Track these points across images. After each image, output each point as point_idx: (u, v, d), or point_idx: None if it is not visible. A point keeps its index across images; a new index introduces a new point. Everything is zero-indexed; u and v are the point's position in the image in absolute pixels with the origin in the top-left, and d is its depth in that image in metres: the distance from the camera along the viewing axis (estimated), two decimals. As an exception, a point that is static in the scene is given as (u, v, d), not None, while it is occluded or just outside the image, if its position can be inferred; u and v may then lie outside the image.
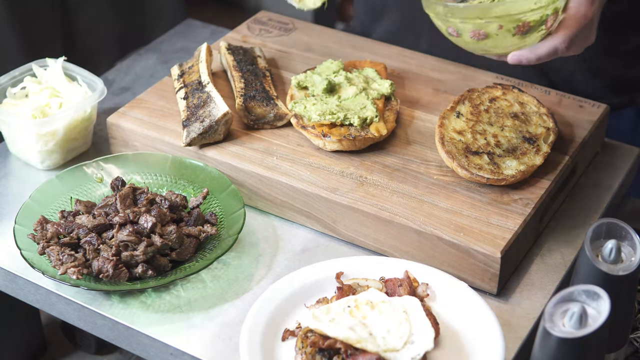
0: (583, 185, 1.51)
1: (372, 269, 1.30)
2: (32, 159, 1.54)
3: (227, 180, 1.42)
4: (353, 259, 1.31)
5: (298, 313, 1.25)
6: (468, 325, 1.23)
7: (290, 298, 1.26)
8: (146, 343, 1.28)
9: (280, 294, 1.26)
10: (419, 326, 1.18)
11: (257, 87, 1.53)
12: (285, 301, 1.25)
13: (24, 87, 1.58)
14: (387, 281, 1.27)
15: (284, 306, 1.25)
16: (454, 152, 1.38)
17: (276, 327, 1.23)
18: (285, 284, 1.27)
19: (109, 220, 1.35)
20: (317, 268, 1.30)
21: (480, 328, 1.21)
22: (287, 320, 1.24)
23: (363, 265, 1.30)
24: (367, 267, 1.30)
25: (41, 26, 2.18)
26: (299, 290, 1.27)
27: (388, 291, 1.26)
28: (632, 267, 1.17)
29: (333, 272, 1.29)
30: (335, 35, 1.74)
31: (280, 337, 1.22)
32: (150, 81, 1.76)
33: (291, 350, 1.20)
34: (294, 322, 1.24)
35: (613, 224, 1.22)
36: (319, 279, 1.29)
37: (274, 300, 1.25)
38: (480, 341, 1.20)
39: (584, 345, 1.07)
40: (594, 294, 1.09)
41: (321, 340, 1.17)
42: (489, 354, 1.18)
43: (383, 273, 1.29)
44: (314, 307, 1.25)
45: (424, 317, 1.19)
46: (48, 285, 1.34)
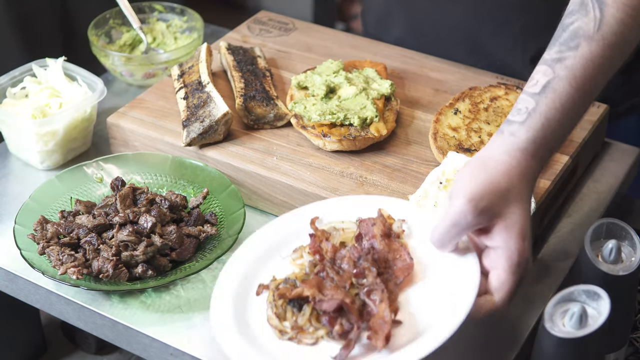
0: (583, 186, 1.51)
1: (348, 212, 1.26)
2: (32, 159, 1.54)
3: (227, 181, 1.42)
4: (325, 202, 1.28)
5: (273, 266, 1.23)
6: (445, 261, 1.17)
7: (265, 251, 1.23)
8: (146, 343, 1.28)
9: (254, 248, 1.24)
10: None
11: (257, 87, 1.53)
12: (259, 255, 1.23)
13: (23, 87, 1.58)
14: (362, 221, 1.22)
15: (258, 260, 1.23)
16: (445, 148, 1.38)
17: (251, 282, 1.21)
18: (258, 238, 1.24)
19: (109, 220, 1.35)
20: (288, 218, 1.27)
21: (457, 263, 1.16)
22: (263, 274, 1.22)
23: (338, 209, 1.26)
24: (343, 210, 1.26)
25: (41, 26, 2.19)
26: (274, 242, 1.25)
27: (362, 232, 1.22)
28: (632, 267, 1.17)
29: (307, 220, 1.26)
30: (335, 35, 1.74)
31: (255, 292, 1.20)
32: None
33: (262, 303, 1.19)
34: (269, 276, 1.21)
35: (613, 224, 1.22)
36: (292, 230, 1.26)
37: (247, 256, 1.23)
38: (456, 276, 1.15)
39: (584, 346, 1.07)
40: (594, 294, 1.09)
41: (288, 292, 1.15)
42: (463, 287, 1.12)
43: (360, 214, 1.25)
44: (290, 257, 1.22)
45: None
46: (48, 285, 1.33)
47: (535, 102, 1.13)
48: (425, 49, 1.69)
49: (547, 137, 1.13)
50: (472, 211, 1.08)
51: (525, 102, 1.14)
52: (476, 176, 1.10)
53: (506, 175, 1.10)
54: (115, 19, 1.79)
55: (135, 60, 1.70)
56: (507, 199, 1.10)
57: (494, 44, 1.64)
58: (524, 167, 1.11)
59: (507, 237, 1.10)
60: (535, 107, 1.13)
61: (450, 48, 1.68)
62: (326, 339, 1.14)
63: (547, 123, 1.12)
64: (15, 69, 1.59)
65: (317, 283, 1.15)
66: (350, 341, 1.11)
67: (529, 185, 1.12)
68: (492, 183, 1.09)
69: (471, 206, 1.08)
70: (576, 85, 1.13)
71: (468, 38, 1.66)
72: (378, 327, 1.11)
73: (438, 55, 1.67)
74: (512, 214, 1.10)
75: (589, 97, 1.15)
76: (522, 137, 1.12)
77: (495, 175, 1.10)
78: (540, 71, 1.15)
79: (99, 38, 1.76)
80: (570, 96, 1.13)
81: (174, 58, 1.70)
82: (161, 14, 1.82)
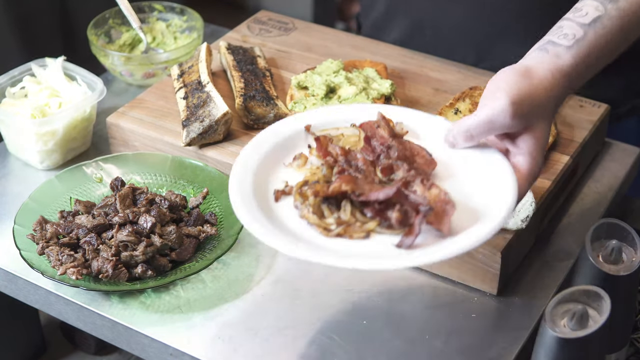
0: (584, 186, 1.50)
1: (339, 119, 1.24)
2: (31, 159, 1.54)
3: (226, 180, 1.42)
4: (317, 111, 1.25)
5: (279, 174, 1.18)
6: (467, 157, 1.17)
7: (265, 160, 1.19)
8: (145, 343, 1.28)
9: (252, 158, 1.19)
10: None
11: (257, 87, 1.52)
12: (261, 165, 1.18)
13: (23, 87, 1.58)
14: (363, 125, 1.21)
15: (262, 169, 1.18)
16: None
17: (263, 191, 1.16)
18: (253, 148, 1.20)
19: (108, 221, 1.34)
20: (282, 125, 1.23)
21: (481, 158, 1.16)
22: (270, 183, 1.17)
23: (329, 116, 1.24)
24: (334, 117, 1.24)
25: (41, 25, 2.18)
26: (271, 151, 1.20)
27: (368, 134, 1.19)
28: (633, 267, 1.17)
29: (301, 126, 1.23)
30: (335, 35, 1.74)
31: (272, 199, 1.15)
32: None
33: (288, 209, 1.14)
34: (278, 183, 1.17)
35: (614, 224, 1.21)
36: (289, 135, 1.22)
37: (250, 165, 1.18)
38: (485, 168, 1.15)
39: (585, 346, 1.06)
40: (595, 295, 1.09)
41: (322, 190, 1.10)
42: (499, 174, 1.13)
43: (352, 121, 1.23)
44: (293, 164, 1.19)
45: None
46: (47, 286, 1.33)
47: (584, 32, 1.16)
48: (425, 49, 1.69)
49: (586, 69, 1.17)
50: (512, 114, 1.11)
51: (572, 29, 1.17)
52: (520, 83, 1.12)
53: (546, 93, 1.13)
54: (114, 19, 1.79)
55: (135, 60, 1.69)
56: (540, 114, 1.13)
57: (495, 43, 1.64)
58: (561, 90, 1.15)
59: (533, 147, 1.13)
60: (583, 37, 1.16)
61: (451, 48, 1.68)
62: (378, 230, 1.10)
63: (590, 56, 1.16)
64: (14, 68, 1.59)
65: (351, 179, 1.12)
66: (413, 226, 1.08)
67: (557, 108, 1.17)
68: (533, 95, 1.12)
69: (513, 109, 1.10)
70: (623, 28, 1.18)
71: (468, 38, 1.66)
72: (441, 210, 1.09)
73: (438, 55, 1.67)
74: (540, 129, 1.14)
75: (627, 43, 1.20)
76: (567, 61, 1.15)
77: (538, 89, 1.13)
78: (591, 5, 1.18)
79: (99, 38, 1.76)
80: (616, 36, 1.18)
81: (174, 58, 1.70)
82: (161, 14, 1.82)
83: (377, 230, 1.10)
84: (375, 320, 1.28)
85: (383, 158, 1.17)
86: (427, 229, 1.09)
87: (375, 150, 1.18)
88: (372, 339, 1.25)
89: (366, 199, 1.10)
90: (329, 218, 1.11)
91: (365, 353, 1.23)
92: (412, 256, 1.06)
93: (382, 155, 1.17)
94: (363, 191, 1.11)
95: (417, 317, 1.29)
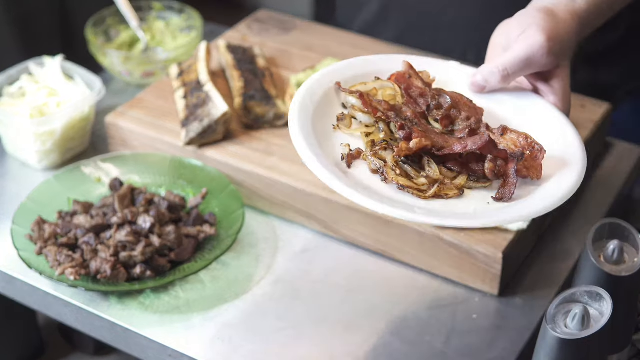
0: (585, 186, 1.50)
1: (361, 73, 1.18)
2: (29, 159, 1.53)
3: (226, 181, 1.41)
4: (336, 66, 1.18)
5: (332, 138, 1.10)
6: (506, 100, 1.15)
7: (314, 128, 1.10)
8: (144, 344, 1.27)
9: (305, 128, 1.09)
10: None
11: (257, 87, 1.52)
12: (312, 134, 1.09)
13: (21, 86, 1.57)
14: (396, 78, 1.14)
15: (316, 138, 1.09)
16: None
17: (332, 160, 1.07)
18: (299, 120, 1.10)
19: (107, 221, 1.34)
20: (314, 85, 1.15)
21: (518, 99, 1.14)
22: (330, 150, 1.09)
23: (351, 70, 1.18)
24: (355, 71, 1.18)
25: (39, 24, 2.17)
26: (314, 115, 1.11)
27: (405, 87, 1.14)
28: (635, 268, 1.16)
29: (330, 84, 1.16)
30: (335, 34, 1.73)
31: (343, 165, 1.07)
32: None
33: (363, 173, 1.06)
34: (339, 148, 1.09)
35: (616, 224, 1.21)
36: (322, 94, 1.14)
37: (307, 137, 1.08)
38: (530, 110, 1.13)
39: (586, 347, 1.06)
40: (597, 295, 1.08)
41: (403, 147, 1.03)
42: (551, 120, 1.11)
43: (376, 74, 1.17)
44: (340, 125, 1.11)
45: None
46: (45, 287, 1.33)
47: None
48: (423, 47, 1.69)
49: (597, 17, 1.18)
50: (549, 50, 1.10)
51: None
52: (550, 21, 1.12)
53: (569, 32, 1.13)
54: (113, 18, 1.78)
55: (134, 59, 1.69)
56: (566, 54, 1.13)
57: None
58: (578, 31, 1.15)
59: (565, 87, 1.13)
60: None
61: (448, 46, 1.68)
62: (469, 184, 1.06)
63: (601, 4, 1.17)
64: (12, 67, 1.59)
65: (424, 133, 1.05)
66: (508, 175, 1.03)
67: (573, 52, 1.16)
68: (561, 34, 1.12)
69: (550, 45, 1.10)
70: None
71: (470, 35, 1.66)
72: (529, 156, 1.05)
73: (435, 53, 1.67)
74: (566, 69, 1.14)
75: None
76: (582, 6, 1.15)
77: (564, 28, 1.12)
78: None
79: (97, 37, 1.75)
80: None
81: (173, 57, 1.69)
82: (160, 13, 1.81)
83: (469, 184, 1.06)
84: (375, 321, 1.28)
85: (433, 109, 1.12)
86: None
87: (419, 102, 1.13)
88: (372, 339, 1.25)
89: (451, 151, 1.04)
90: (419, 178, 1.05)
91: (366, 354, 1.23)
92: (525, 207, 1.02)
93: (432, 105, 1.12)
94: (442, 145, 1.05)
95: (418, 317, 1.28)
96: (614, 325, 1.08)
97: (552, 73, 1.13)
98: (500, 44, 1.15)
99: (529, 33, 1.10)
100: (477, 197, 1.05)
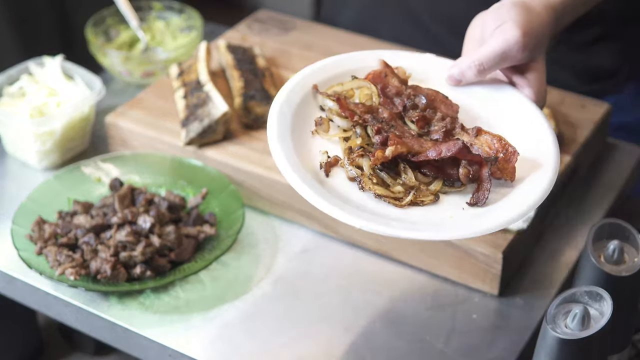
0: (585, 186, 1.50)
1: (337, 73, 1.17)
2: (29, 159, 1.53)
3: (226, 181, 1.41)
4: (312, 68, 1.17)
5: (309, 145, 1.10)
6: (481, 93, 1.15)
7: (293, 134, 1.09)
8: (144, 345, 1.27)
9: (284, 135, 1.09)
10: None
11: (257, 87, 1.52)
12: (292, 140, 1.09)
13: (21, 86, 1.57)
14: (372, 77, 1.14)
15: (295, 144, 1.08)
16: None
17: (310, 167, 1.07)
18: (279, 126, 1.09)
19: (107, 221, 1.34)
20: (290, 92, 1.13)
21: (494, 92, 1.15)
22: (309, 156, 1.08)
23: (327, 72, 1.17)
24: (331, 72, 1.17)
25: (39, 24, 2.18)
26: (292, 122, 1.11)
27: (381, 86, 1.14)
28: (635, 268, 1.16)
29: (307, 88, 1.15)
30: (335, 34, 1.73)
31: (321, 174, 1.07)
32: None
33: (342, 183, 1.06)
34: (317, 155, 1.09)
35: (616, 224, 1.21)
36: (300, 100, 1.14)
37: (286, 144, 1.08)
38: (505, 104, 1.14)
39: (586, 347, 1.06)
40: (597, 295, 1.08)
41: (379, 155, 1.03)
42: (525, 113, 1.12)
43: (352, 73, 1.17)
44: (318, 130, 1.10)
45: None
46: (45, 287, 1.33)
47: None
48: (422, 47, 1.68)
49: (571, 10, 1.19)
50: (525, 45, 1.11)
51: None
52: (525, 16, 1.12)
53: (544, 26, 1.14)
54: (113, 18, 1.78)
55: (134, 59, 1.69)
56: (541, 48, 1.14)
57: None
58: (552, 25, 1.16)
59: (540, 80, 1.14)
60: None
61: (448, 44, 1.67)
62: (444, 189, 1.05)
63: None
64: (12, 67, 1.58)
65: (400, 139, 1.05)
66: (482, 180, 1.03)
67: (549, 45, 1.17)
68: (536, 27, 1.13)
69: (525, 40, 1.11)
70: None
71: None
72: (503, 159, 1.05)
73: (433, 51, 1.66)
74: (542, 62, 1.15)
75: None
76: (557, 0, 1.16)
77: (539, 22, 1.13)
78: None
79: (97, 37, 1.75)
80: None
81: (173, 57, 1.69)
82: (160, 12, 1.81)
83: (443, 189, 1.06)
84: (375, 321, 1.28)
85: (409, 109, 1.12)
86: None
87: (395, 101, 1.13)
88: (372, 339, 1.25)
89: (426, 158, 1.04)
90: (395, 186, 1.05)
91: (366, 354, 1.23)
92: (499, 213, 1.02)
93: (408, 105, 1.12)
94: (417, 150, 1.05)
95: (418, 317, 1.28)
96: (614, 326, 1.08)
97: (527, 66, 1.14)
98: (476, 37, 1.16)
99: (505, 27, 1.12)
100: (451, 202, 1.05)
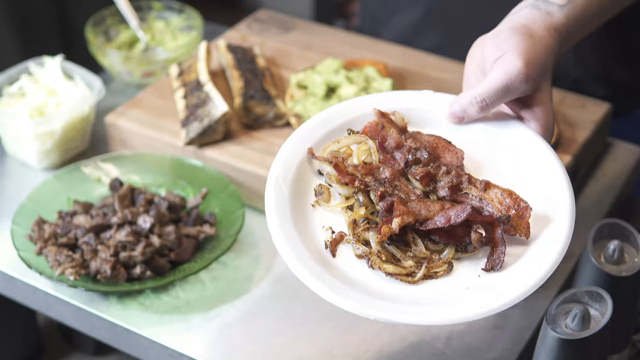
0: (585, 186, 1.50)
1: (332, 128, 1.10)
2: (29, 159, 1.53)
3: (226, 181, 1.41)
4: (306, 127, 1.10)
5: (312, 219, 1.03)
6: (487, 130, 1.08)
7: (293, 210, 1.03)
8: (144, 345, 1.27)
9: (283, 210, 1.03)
10: None
11: (257, 86, 1.52)
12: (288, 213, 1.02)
13: (20, 86, 1.57)
14: (368, 132, 1.07)
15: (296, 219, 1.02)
16: None
17: (313, 245, 1.01)
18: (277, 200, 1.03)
19: (107, 221, 1.34)
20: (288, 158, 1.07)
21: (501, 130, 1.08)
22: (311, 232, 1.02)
23: (322, 128, 1.10)
24: (326, 128, 1.10)
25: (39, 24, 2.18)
26: (285, 196, 1.04)
27: (379, 140, 1.08)
28: (635, 268, 1.16)
29: (302, 152, 1.08)
30: (335, 34, 1.73)
31: (326, 253, 1.00)
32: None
33: (349, 261, 1.00)
34: (320, 232, 1.03)
35: (616, 224, 1.21)
36: (297, 166, 1.07)
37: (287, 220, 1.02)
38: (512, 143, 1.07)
39: (587, 347, 1.06)
40: (597, 295, 1.08)
41: (386, 230, 0.95)
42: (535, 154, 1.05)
43: (348, 127, 1.10)
44: (319, 201, 1.04)
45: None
46: (45, 287, 1.32)
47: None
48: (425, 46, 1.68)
49: (577, 30, 1.13)
50: (528, 76, 1.05)
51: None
52: (527, 43, 1.06)
53: (547, 51, 1.08)
54: (113, 18, 1.78)
55: (134, 59, 1.69)
56: (546, 75, 1.08)
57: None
58: (557, 48, 1.10)
59: (547, 111, 1.08)
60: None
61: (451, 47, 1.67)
62: (457, 255, 0.99)
63: (582, 17, 1.12)
64: (12, 67, 1.58)
65: (406, 207, 0.98)
66: (496, 241, 0.97)
67: (554, 69, 1.11)
68: (539, 55, 1.07)
69: (528, 71, 1.05)
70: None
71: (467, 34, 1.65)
72: (515, 215, 0.98)
73: (441, 53, 1.66)
74: (547, 91, 1.08)
75: (617, 7, 1.18)
76: (560, 20, 1.10)
77: (542, 48, 1.07)
78: None
79: (97, 36, 1.75)
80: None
81: (173, 57, 1.69)
82: (160, 12, 1.81)
83: (457, 255, 0.99)
84: (375, 321, 1.27)
85: (412, 164, 1.06)
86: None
87: (396, 156, 1.06)
88: (372, 340, 1.25)
89: (434, 226, 0.97)
90: (406, 260, 0.98)
91: (366, 354, 1.23)
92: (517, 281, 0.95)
93: (408, 163, 1.06)
94: (425, 216, 0.98)
95: (418, 318, 1.28)
96: (614, 326, 1.08)
97: (532, 98, 1.08)
98: (476, 68, 1.11)
99: (506, 58, 1.05)
100: (465, 270, 0.99)
